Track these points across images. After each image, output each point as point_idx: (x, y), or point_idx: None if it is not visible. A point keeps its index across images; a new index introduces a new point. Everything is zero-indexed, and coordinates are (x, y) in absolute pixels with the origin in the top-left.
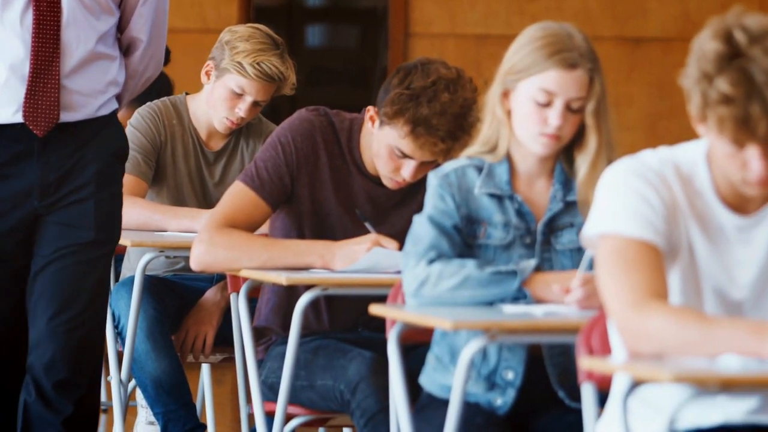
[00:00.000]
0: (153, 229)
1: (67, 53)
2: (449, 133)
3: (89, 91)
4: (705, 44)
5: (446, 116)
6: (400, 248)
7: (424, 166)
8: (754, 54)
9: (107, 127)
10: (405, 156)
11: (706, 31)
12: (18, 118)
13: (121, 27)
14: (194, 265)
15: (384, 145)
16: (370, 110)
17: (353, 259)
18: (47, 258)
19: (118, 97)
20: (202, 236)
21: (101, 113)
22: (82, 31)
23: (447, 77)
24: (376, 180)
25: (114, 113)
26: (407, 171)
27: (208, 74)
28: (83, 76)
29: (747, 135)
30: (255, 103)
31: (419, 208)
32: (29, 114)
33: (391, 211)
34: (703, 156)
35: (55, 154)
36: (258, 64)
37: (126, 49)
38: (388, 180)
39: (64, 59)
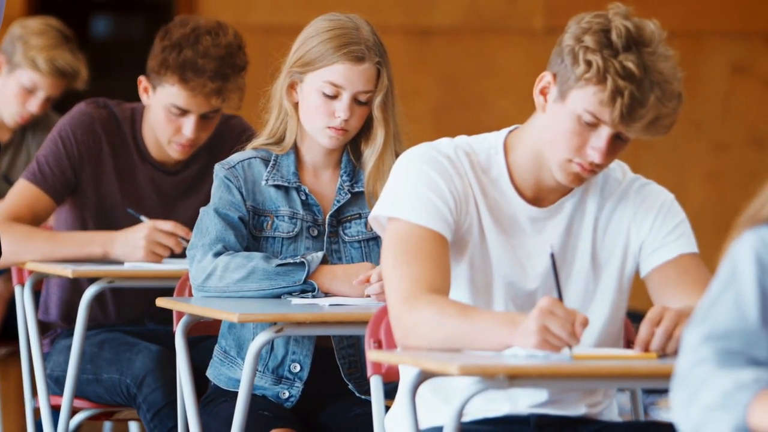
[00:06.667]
0: None
1: None
2: (217, 72)
3: None
4: (615, 20)
5: (210, 57)
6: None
7: (204, 123)
8: (657, 50)
9: None
10: (182, 112)
11: (618, 9)
12: None
13: None
14: None
15: (160, 108)
16: (142, 81)
17: (134, 247)
18: None
19: None
20: None
21: None
22: None
23: (206, 25)
24: (162, 168)
25: None
26: (188, 128)
27: None
28: None
29: (628, 116)
30: (47, 99)
31: (206, 199)
32: None
33: (177, 201)
34: (501, 146)
35: None
36: (51, 60)
37: None
38: (172, 148)
39: None
